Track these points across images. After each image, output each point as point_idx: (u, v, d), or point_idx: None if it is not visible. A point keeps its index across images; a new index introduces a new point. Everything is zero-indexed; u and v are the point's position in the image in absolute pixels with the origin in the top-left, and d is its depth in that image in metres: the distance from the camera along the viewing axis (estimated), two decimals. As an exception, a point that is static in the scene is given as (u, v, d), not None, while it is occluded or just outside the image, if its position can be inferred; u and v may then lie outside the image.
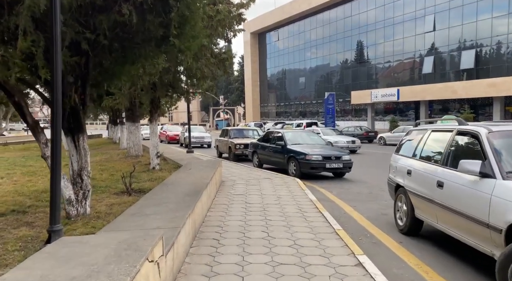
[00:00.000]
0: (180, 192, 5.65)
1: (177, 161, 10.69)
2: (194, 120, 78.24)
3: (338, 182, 10.57)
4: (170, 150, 19.01)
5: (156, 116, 9.58)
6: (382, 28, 41.60)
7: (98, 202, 6.29)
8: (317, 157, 10.91)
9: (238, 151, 15.95)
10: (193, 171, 7.68)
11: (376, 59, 43.01)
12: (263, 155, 13.23)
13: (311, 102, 52.80)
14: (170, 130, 33.43)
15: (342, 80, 48.09)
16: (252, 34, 61.88)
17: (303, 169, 10.96)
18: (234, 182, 9.25)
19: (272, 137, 13.12)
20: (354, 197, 8.40)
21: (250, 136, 17.50)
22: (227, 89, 76.87)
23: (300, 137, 12.73)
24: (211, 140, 25.26)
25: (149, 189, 7.14)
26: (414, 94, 33.66)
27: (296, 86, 56.72)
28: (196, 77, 8.51)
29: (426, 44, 36.93)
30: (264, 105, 63.06)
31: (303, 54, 54.19)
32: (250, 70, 62.54)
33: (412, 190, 5.13)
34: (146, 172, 9.39)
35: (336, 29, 47.77)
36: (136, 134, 13.41)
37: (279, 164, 12.21)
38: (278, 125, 47.21)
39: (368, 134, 30.98)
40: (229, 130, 17.46)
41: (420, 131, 5.75)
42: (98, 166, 10.65)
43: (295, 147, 11.72)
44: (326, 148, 11.95)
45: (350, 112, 46.75)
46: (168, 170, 9.60)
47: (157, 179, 8.32)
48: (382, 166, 14.63)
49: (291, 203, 6.99)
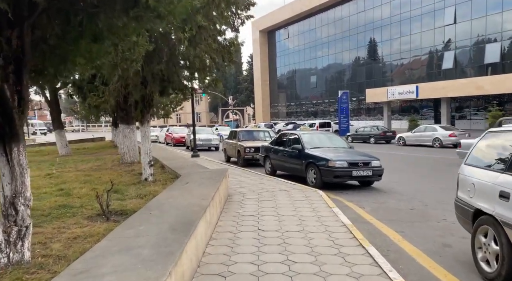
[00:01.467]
0: (166, 222, 3.98)
1: (177, 169, 9.05)
2: (202, 121, 76.85)
3: (368, 193, 8.81)
4: (173, 155, 17.47)
5: (149, 116, 7.95)
6: (398, 22, 39.55)
7: (59, 232, 4.66)
8: (342, 163, 9.16)
9: (248, 156, 14.28)
10: (190, 186, 6.01)
11: (391, 56, 40.94)
12: (277, 160, 11.52)
13: (322, 101, 50.90)
14: (176, 132, 31.86)
15: (355, 78, 46.09)
16: (261, 32, 60.21)
17: (325, 178, 9.22)
18: (243, 196, 7.57)
19: (287, 140, 11.41)
20: (394, 215, 6.64)
21: (261, 139, 15.80)
22: (236, 89, 75.34)
23: (319, 140, 10.99)
24: (218, 142, 23.68)
25: (133, 210, 5.51)
26: (435, 91, 31.57)
27: (306, 85, 54.84)
28: (194, 67, 6.86)
29: (446, 38, 34.79)
30: (274, 105, 61.29)
31: (313, 52, 52.29)
32: (259, 69, 60.84)
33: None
34: (137, 185, 7.78)
35: (349, 25, 45.82)
36: (131, 138, 11.84)
37: (296, 171, 10.50)
38: (289, 125, 45.46)
39: (385, 134, 29.04)
40: (238, 132, 15.79)
41: (509, 134, 3.98)
42: (82, 176, 9.07)
43: (314, 151, 9.99)
44: (351, 152, 10.18)
45: (364, 111, 44.72)
46: (163, 182, 7.97)
47: (146, 195, 6.68)
48: (410, 170, 12.82)
49: (319, 229, 5.27)
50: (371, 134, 28.69)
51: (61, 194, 6.92)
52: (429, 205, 7.44)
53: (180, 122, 74.22)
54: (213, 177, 6.78)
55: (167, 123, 68.63)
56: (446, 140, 22.36)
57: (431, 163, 14.77)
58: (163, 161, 10.97)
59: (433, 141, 23.03)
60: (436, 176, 11.32)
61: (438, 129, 23.65)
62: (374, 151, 18.16)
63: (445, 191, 8.90)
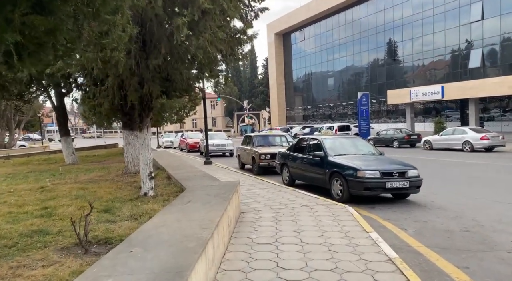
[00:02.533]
0: (147, 269, 2.81)
1: (183, 180, 7.92)
2: (218, 126, 76.14)
3: (405, 208, 7.46)
4: (182, 162, 16.45)
5: (148, 121, 6.83)
6: (419, 21, 37.76)
7: (14, 275, 3.54)
8: (373, 173, 7.84)
9: (264, 163, 13.07)
10: (192, 207, 4.83)
11: (413, 55, 39.09)
12: (296, 168, 10.27)
13: (340, 104, 49.25)
14: (190, 137, 30.83)
15: (374, 79, 44.35)
16: (277, 34, 59.11)
17: (353, 190, 7.92)
18: (257, 214, 6.36)
19: (307, 146, 10.15)
20: (447, 241, 5.31)
21: (277, 144, 14.57)
22: (251, 93, 74.36)
23: (344, 145, 9.67)
24: (233, 147, 22.55)
25: (120, 238, 4.38)
26: (463, 91, 29.67)
27: (323, 88, 53.30)
28: (198, 61, 5.72)
29: (472, 36, 32.85)
30: (290, 109, 59.92)
31: (330, 54, 50.77)
32: (275, 73, 59.65)
33: None
34: (134, 201, 6.67)
35: (367, 25, 44.19)
36: (136, 145, 10.82)
37: (318, 182, 9.22)
38: (306, 129, 44.04)
39: (410, 138, 27.41)
40: (252, 137, 14.60)
41: None
42: (77, 190, 8.03)
43: (339, 159, 8.69)
44: (383, 159, 8.83)
45: (385, 114, 42.90)
46: (165, 197, 6.84)
47: (142, 215, 5.55)
48: (446, 178, 11.32)
49: (357, 266, 4.00)
50: (394, 138, 27.10)
51: (43, 214, 5.87)
52: (485, 226, 6.06)
53: (196, 127, 73.61)
54: (220, 194, 5.59)
55: (183, 128, 68.34)
56: (478, 143, 20.66)
57: (468, 169, 13.23)
58: (170, 171, 9.87)
59: (463, 144, 21.37)
60: (481, 186, 9.85)
61: (468, 131, 21.94)
62: (400, 156, 16.69)
63: (500, 206, 7.48)
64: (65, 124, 16.16)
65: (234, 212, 5.68)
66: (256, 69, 78.38)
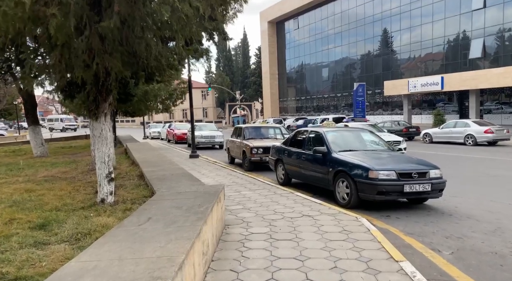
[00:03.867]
0: None
1: (157, 181, 6.43)
2: (209, 116, 74.29)
3: (426, 217, 6.07)
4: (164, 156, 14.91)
5: (107, 107, 5.25)
6: (418, 9, 36.33)
7: None
8: (388, 174, 6.42)
9: (256, 158, 11.60)
10: (150, 229, 3.34)
11: (411, 45, 37.73)
12: (293, 166, 8.81)
13: (335, 95, 47.85)
14: (178, 128, 29.13)
15: (370, 70, 42.95)
16: (270, 23, 57.24)
17: (363, 194, 6.51)
18: (247, 229, 4.91)
19: (306, 139, 8.69)
20: (499, 270, 3.92)
21: (271, 137, 13.10)
22: (243, 83, 72.54)
23: (350, 139, 8.23)
24: (223, 139, 21.03)
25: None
26: (463, 82, 28.44)
27: (317, 79, 51.81)
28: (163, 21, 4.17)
29: (473, 24, 31.55)
30: (283, 100, 58.38)
31: (325, 43, 49.16)
32: (268, 62, 57.90)
33: None
34: (86, 210, 5.13)
35: (364, 14, 42.64)
36: (105, 137, 9.23)
37: (319, 182, 7.79)
38: (300, 121, 42.61)
39: (408, 130, 26.21)
40: (243, 129, 13.08)
41: None
42: (22, 192, 6.44)
43: (345, 155, 7.25)
44: (399, 157, 7.41)
45: (381, 105, 41.64)
46: (128, 205, 5.28)
47: (88, 234, 4.05)
48: (460, 176, 9.77)
49: None
50: (391, 130, 25.74)
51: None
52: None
53: (186, 117, 71.59)
54: (195, 207, 4.09)
55: (172, 118, 66.31)
56: (481, 137, 19.48)
57: (481, 165, 11.89)
58: (144, 168, 8.33)
59: (465, 138, 20.19)
60: (506, 187, 8.50)
61: (471, 124, 20.71)
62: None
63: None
64: (33, 112, 14.44)
65: (215, 229, 4.21)
66: (249, 58, 76.41)
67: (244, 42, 77.91)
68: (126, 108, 23.63)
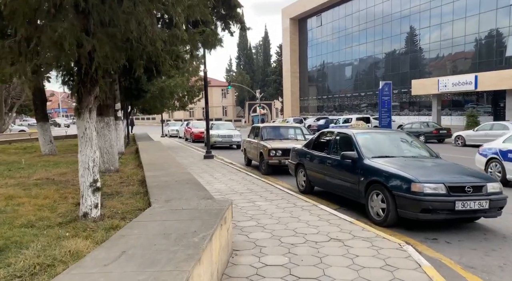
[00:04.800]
0: None
1: (158, 188, 5.47)
2: (229, 115, 73.61)
3: (484, 242, 4.85)
4: (183, 153, 14.04)
5: (92, 100, 4.28)
6: (450, 3, 34.28)
7: None
8: (436, 187, 5.22)
9: (274, 160, 10.51)
10: (117, 272, 2.33)
11: (441, 42, 35.68)
12: (316, 172, 7.67)
13: (358, 94, 46.07)
14: (196, 126, 28.27)
15: (396, 68, 41.04)
16: (292, 20, 55.88)
17: (404, 211, 5.33)
18: (259, 257, 3.86)
19: (332, 142, 7.53)
20: None
21: (291, 137, 11.98)
22: (264, 82, 71.43)
23: (385, 143, 7.03)
24: (241, 139, 20.05)
25: None
26: (500, 82, 26.40)
27: (340, 77, 50.13)
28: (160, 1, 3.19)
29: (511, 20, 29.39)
30: (304, 99, 56.92)
31: (349, 41, 47.41)
32: (289, 61, 56.54)
33: None
34: (64, 227, 4.14)
35: (391, 10, 40.76)
36: (107, 136, 8.31)
37: (347, 192, 6.64)
38: (321, 120, 41.17)
39: (438, 132, 24.59)
40: (261, 128, 11.99)
41: None
42: (1, 199, 5.57)
43: (381, 163, 6.07)
44: (446, 166, 6.16)
45: (407, 106, 39.71)
46: (116, 221, 4.21)
47: (50, 266, 3.09)
48: None
49: None
50: (420, 132, 24.18)
51: None
52: None
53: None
54: (189, 235, 3.04)
55: (192, 116, 65.87)
56: (523, 141, 17.73)
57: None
58: (147, 172, 7.38)
59: (505, 142, 18.45)
60: None
61: (510, 127, 18.95)
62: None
63: None
64: (43, 108, 13.80)
65: (216, 265, 3.16)
66: (270, 57, 75.22)
67: (265, 40, 76.83)
68: (143, 105, 22.98)
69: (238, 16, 6.17)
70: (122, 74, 13.28)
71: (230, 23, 7.93)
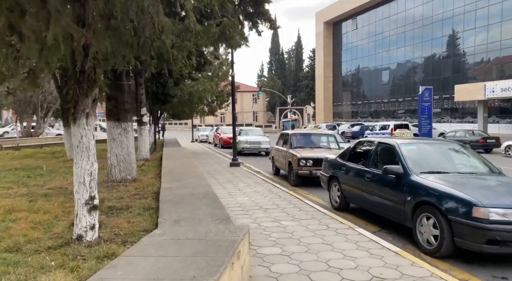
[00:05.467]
0: None
1: (170, 204, 4.80)
2: (259, 120, 73.07)
3: None
4: (209, 160, 13.44)
5: (89, 104, 3.63)
6: (499, 3, 31.95)
7: None
8: (505, 212, 4.19)
9: (304, 171, 9.62)
10: None
11: (487, 45, 33.32)
12: (352, 187, 6.72)
13: (396, 100, 44.04)
14: (225, 132, 27.79)
15: (437, 73, 38.82)
16: (326, 23, 54.67)
17: (462, 241, 4.32)
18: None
19: (371, 153, 6.55)
20: None
21: (324, 146, 11.04)
22: (295, 87, 70.36)
23: (436, 156, 5.98)
24: (269, 146, 19.26)
25: None
26: (556, 87, 24.09)
27: (376, 82, 48.23)
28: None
29: None
30: (338, 104, 55.33)
31: (386, 44, 45.53)
32: (322, 65, 55.25)
33: None
34: (52, 253, 3.46)
35: (432, 11, 38.69)
36: (125, 143, 7.72)
37: (390, 213, 5.65)
38: (356, 127, 39.59)
39: (486, 141, 22.69)
40: (290, 135, 11.13)
41: None
42: (4, 213, 5.07)
43: (432, 180, 5.06)
44: None
45: (449, 112, 37.39)
46: (115, 245, 3.50)
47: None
48: None
49: None
50: (465, 141, 22.30)
51: None
52: None
53: (237, 121, 70.92)
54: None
55: (223, 121, 65.83)
56: None
57: None
58: (164, 183, 6.73)
59: None
60: None
61: None
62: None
63: None
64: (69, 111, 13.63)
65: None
66: (302, 62, 74.06)
67: (298, 45, 75.84)
68: (172, 110, 22.80)
69: (267, 13, 5.45)
70: (149, 78, 12.91)
71: (258, 21, 7.15)
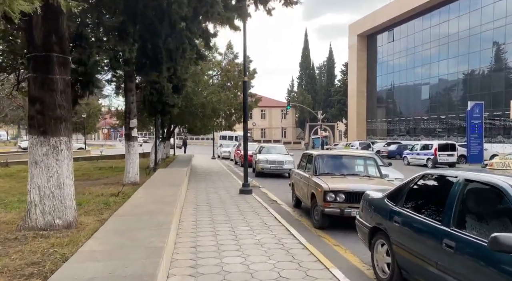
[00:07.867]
0: None
1: None
2: (288, 136, 70.16)
3: None
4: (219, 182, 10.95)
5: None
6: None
7: None
8: None
9: (332, 208, 6.76)
10: None
11: (548, 55, 29.19)
12: (414, 255, 3.81)
13: (438, 117, 40.01)
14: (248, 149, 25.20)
15: (487, 87, 34.74)
16: (359, 36, 51.68)
17: None
18: None
19: (452, 197, 3.64)
20: None
21: (360, 173, 8.07)
22: (326, 102, 67.23)
23: None
24: (293, 166, 16.45)
25: None
26: None
27: (414, 98, 44.36)
28: None
29: None
30: (372, 121, 51.63)
31: (426, 57, 41.86)
32: (355, 80, 52.02)
33: None
34: None
35: (480, 21, 34.90)
36: (53, 169, 4.82)
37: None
38: (392, 145, 36.03)
39: None
40: (315, 157, 8.25)
41: None
42: None
43: None
44: None
45: (502, 131, 33.08)
46: None
47: None
48: None
49: None
50: (529, 166, 18.59)
51: None
52: None
53: (265, 137, 68.25)
54: None
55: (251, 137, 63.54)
56: None
57: None
58: (92, 241, 4.15)
59: None
60: None
61: None
62: None
63: None
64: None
65: None
66: (334, 77, 71.03)
67: (330, 60, 73.07)
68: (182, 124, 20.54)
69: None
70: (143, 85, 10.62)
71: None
